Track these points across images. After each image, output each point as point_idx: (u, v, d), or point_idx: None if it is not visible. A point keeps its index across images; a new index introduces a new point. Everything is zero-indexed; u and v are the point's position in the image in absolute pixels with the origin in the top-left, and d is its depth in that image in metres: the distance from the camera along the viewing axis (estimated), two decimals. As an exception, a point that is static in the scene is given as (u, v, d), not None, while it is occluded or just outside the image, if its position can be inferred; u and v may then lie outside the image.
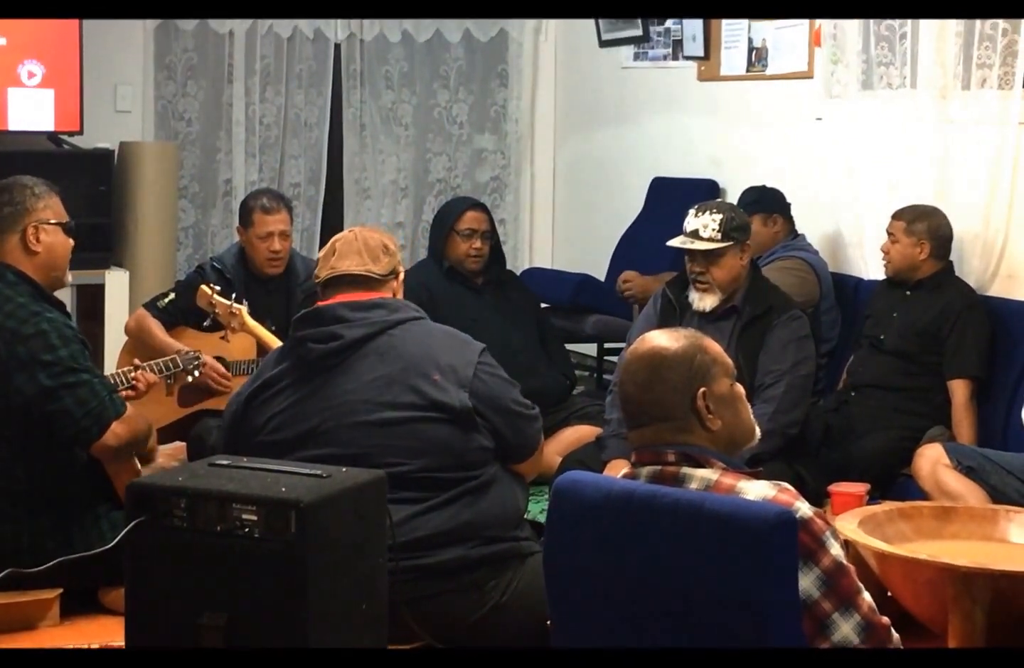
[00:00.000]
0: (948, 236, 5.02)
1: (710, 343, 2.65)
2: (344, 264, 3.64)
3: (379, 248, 3.67)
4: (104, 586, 3.88)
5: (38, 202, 3.94)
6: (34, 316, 3.83)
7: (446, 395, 3.50)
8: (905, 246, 5.01)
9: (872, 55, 5.52)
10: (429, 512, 3.47)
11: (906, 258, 5.02)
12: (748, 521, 2.36)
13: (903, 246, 5.02)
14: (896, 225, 5.05)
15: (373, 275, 3.63)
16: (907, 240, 5.00)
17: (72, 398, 3.80)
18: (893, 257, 5.06)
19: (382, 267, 3.66)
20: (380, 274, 3.65)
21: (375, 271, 3.64)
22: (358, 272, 3.63)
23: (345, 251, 3.66)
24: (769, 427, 4.28)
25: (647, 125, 7.24)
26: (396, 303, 3.64)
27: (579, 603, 2.59)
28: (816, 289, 5.49)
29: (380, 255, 3.66)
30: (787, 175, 6.12)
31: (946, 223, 5.02)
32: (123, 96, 7.11)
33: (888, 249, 5.08)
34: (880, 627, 2.51)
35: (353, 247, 3.66)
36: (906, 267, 5.04)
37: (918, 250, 4.99)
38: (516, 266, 7.34)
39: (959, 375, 4.85)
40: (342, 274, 3.63)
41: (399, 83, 7.74)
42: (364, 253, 3.65)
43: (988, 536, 3.68)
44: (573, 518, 2.57)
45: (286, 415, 3.55)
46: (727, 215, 4.67)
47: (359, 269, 3.63)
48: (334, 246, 3.69)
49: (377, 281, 3.64)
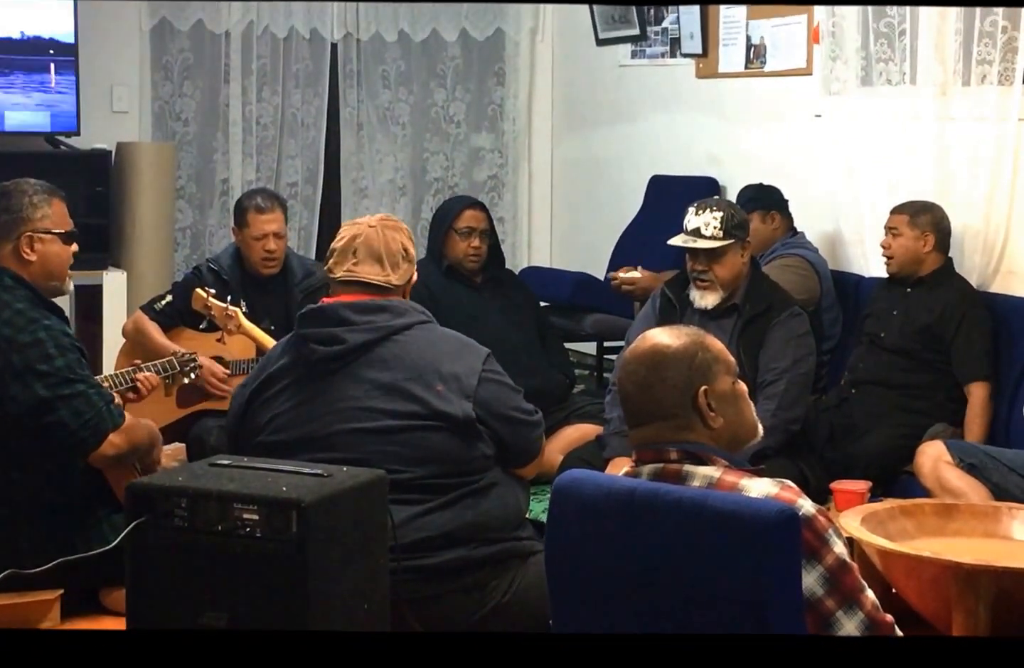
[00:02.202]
0: (948, 230, 5.02)
1: (712, 341, 2.63)
2: (363, 270, 3.60)
3: (399, 253, 3.63)
4: (105, 586, 3.87)
5: (35, 212, 3.87)
6: (31, 324, 3.79)
7: (449, 405, 3.49)
8: (909, 239, 4.99)
9: (871, 51, 5.50)
10: (431, 513, 3.47)
11: (910, 252, 5.00)
12: (751, 519, 2.36)
13: (907, 239, 4.99)
14: (898, 219, 5.02)
15: (390, 286, 3.62)
16: (911, 233, 4.98)
17: (68, 409, 3.77)
18: (896, 252, 5.03)
19: (400, 275, 3.63)
20: (397, 284, 3.63)
21: (393, 281, 3.61)
22: (376, 282, 3.61)
23: (365, 255, 3.61)
24: (771, 423, 4.29)
25: (645, 123, 7.23)
26: (401, 306, 3.61)
27: (581, 602, 2.58)
28: (817, 287, 5.48)
29: (400, 261, 3.63)
30: (786, 172, 6.11)
31: (946, 217, 5.01)
32: (119, 97, 7.10)
33: (889, 244, 5.05)
34: (884, 625, 2.50)
35: (374, 250, 3.60)
36: (910, 261, 5.01)
37: (922, 243, 4.97)
38: (515, 265, 7.33)
39: (976, 378, 4.83)
40: (359, 280, 3.62)
41: (396, 82, 7.73)
42: (385, 259, 3.61)
43: (991, 533, 3.68)
44: (575, 517, 2.56)
45: (288, 417, 3.55)
46: (728, 213, 4.67)
47: (378, 279, 3.60)
48: (354, 243, 3.62)
49: (391, 290, 3.64)
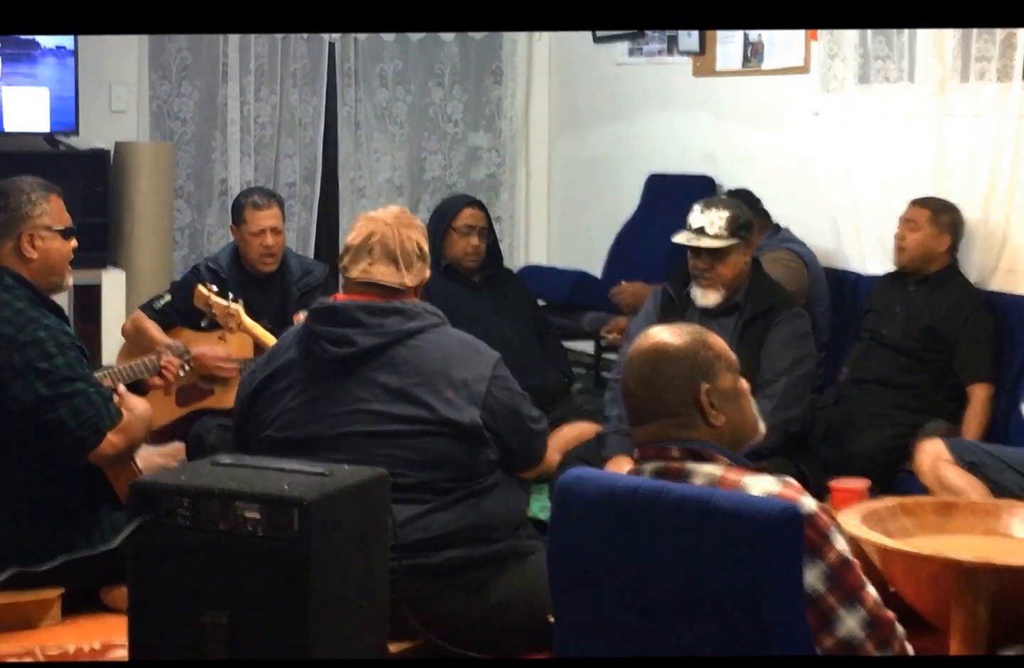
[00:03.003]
0: (962, 234, 5.01)
1: (714, 338, 2.64)
2: (379, 271, 3.60)
3: (414, 253, 3.63)
4: (106, 585, 3.87)
5: (34, 209, 3.89)
6: (31, 322, 3.81)
7: (457, 412, 3.51)
8: (927, 236, 4.97)
9: (869, 49, 5.50)
10: (433, 513, 3.48)
11: (925, 248, 4.98)
12: (753, 516, 2.36)
13: (925, 235, 4.97)
14: (920, 212, 5.00)
15: (404, 288, 3.61)
16: (931, 229, 4.96)
17: (67, 408, 3.78)
18: (910, 245, 5.00)
19: (414, 276, 3.63)
20: (411, 285, 3.63)
21: (407, 283, 3.61)
22: (391, 285, 3.61)
23: (381, 255, 3.60)
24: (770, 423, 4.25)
25: (643, 121, 7.23)
26: (414, 309, 3.61)
27: (583, 600, 2.58)
28: (806, 279, 5.49)
29: (415, 261, 3.63)
30: (784, 170, 6.12)
31: (963, 221, 5.01)
32: (118, 96, 7.09)
33: (904, 236, 5.03)
34: (885, 621, 2.50)
35: (390, 251, 3.60)
36: (922, 257, 4.99)
37: (939, 242, 4.97)
38: (512, 264, 7.32)
39: (979, 379, 4.83)
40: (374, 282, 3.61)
41: (394, 81, 7.73)
42: (400, 260, 3.60)
43: (990, 531, 3.68)
44: (577, 515, 2.56)
45: (295, 414, 3.56)
46: (734, 213, 4.64)
47: (393, 282, 3.60)
48: (370, 242, 3.61)
49: (404, 291, 3.64)
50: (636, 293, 6.04)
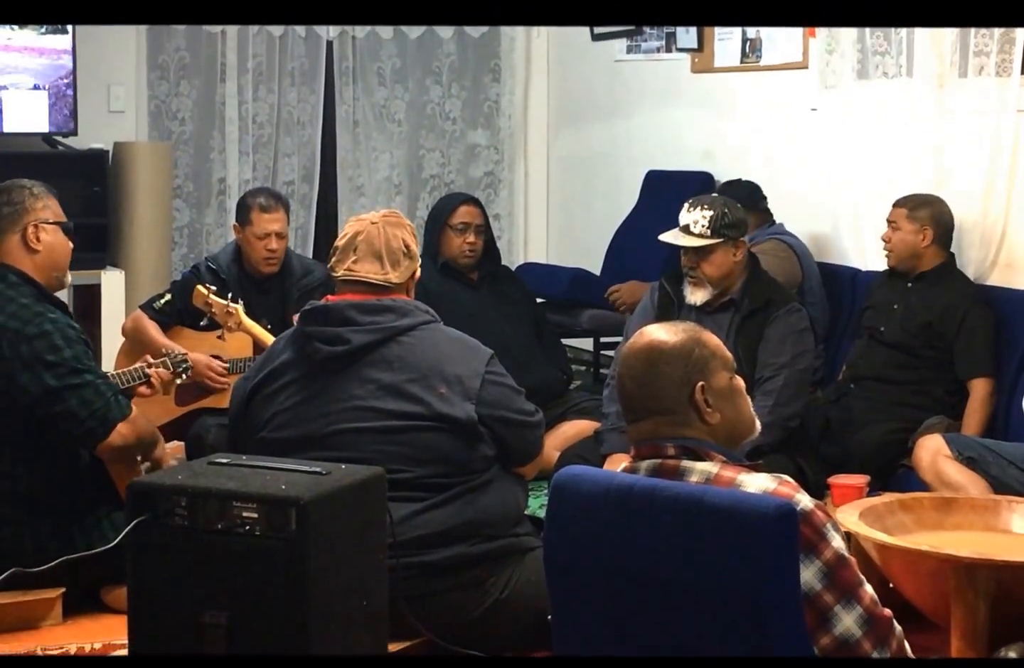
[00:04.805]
0: (950, 225, 5.01)
1: (709, 336, 2.64)
2: (363, 268, 3.61)
3: (400, 251, 3.63)
4: (106, 585, 3.88)
5: (37, 202, 3.96)
6: (37, 317, 3.84)
7: (452, 408, 3.51)
8: (907, 233, 4.99)
9: (867, 44, 5.49)
10: (430, 511, 3.48)
11: (908, 246, 5.00)
12: (749, 514, 2.36)
13: (905, 233, 5.00)
14: (897, 212, 5.03)
15: (390, 285, 3.62)
16: (910, 227, 4.98)
17: (77, 399, 3.80)
18: (895, 245, 5.04)
19: (400, 274, 3.63)
20: (397, 282, 3.63)
21: (392, 280, 3.61)
22: (375, 282, 3.61)
23: (366, 252, 3.61)
24: (769, 420, 4.28)
25: (641, 118, 7.23)
26: (406, 306, 3.62)
27: (580, 597, 2.59)
28: (798, 270, 5.50)
29: (400, 259, 3.63)
30: (783, 166, 6.12)
31: (948, 212, 5.01)
32: (116, 96, 7.10)
33: (889, 237, 5.06)
34: (882, 619, 2.50)
35: (374, 249, 3.61)
36: (908, 255, 5.02)
37: (920, 237, 4.98)
38: (511, 261, 7.33)
39: (978, 374, 4.83)
40: (359, 279, 3.62)
41: (391, 80, 7.73)
42: (385, 257, 3.61)
43: (990, 527, 3.67)
44: (573, 512, 2.57)
45: (290, 414, 3.56)
46: (719, 212, 4.64)
47: (377, 278, 3.61)
48: (355, 241, 3.63)
49: (392, 288, 3.64)
50: (632, 292, 6.05)
